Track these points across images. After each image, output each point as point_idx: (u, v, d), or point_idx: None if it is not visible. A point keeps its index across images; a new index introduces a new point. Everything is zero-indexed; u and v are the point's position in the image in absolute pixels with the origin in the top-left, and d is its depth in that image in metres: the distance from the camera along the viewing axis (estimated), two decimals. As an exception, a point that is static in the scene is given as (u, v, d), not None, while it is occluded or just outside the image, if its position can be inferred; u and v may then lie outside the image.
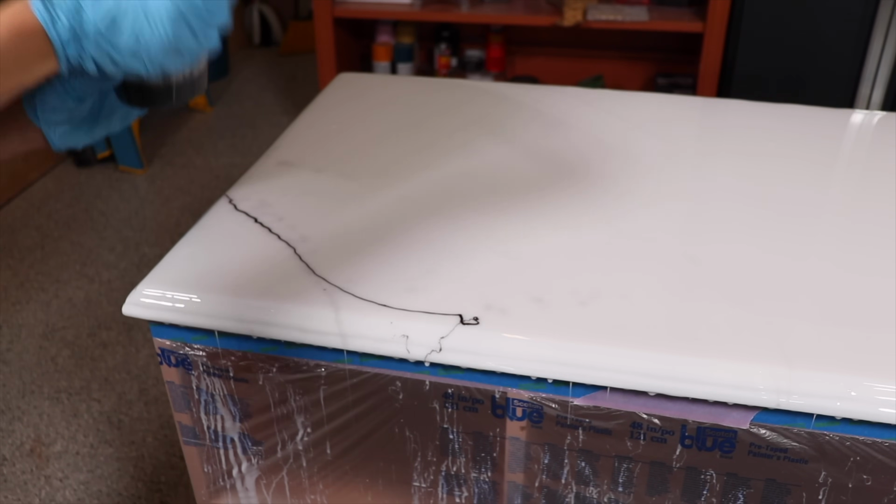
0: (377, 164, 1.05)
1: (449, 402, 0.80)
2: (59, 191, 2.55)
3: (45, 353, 1.85)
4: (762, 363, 0.70)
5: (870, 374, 0.69)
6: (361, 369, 0.80)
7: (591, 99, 1.24)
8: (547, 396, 0.76)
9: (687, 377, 0.71)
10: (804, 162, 1.05)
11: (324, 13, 2.54)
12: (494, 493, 0.86)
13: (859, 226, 0.90)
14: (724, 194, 0.97)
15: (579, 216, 0.93)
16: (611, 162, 1.07)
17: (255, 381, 0.85)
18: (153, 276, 0.83)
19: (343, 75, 1.34)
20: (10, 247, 2.26)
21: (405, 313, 0.77)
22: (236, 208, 0.94)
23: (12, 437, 1.61)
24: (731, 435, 0.73)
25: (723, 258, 0.85)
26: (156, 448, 1.58)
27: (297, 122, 1.17)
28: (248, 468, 0.92)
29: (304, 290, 0.80)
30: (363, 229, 0.90)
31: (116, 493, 1.48)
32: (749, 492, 0.77)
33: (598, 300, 0.78)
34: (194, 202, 2.48)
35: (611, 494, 0.82)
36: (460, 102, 1.24)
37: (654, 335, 0.74)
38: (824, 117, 1.18)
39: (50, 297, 2.04)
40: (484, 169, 1.04)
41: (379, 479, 0.90)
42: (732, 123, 1.16)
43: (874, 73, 2.15)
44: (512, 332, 0.75)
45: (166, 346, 0.85)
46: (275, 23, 3.77)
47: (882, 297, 0.78)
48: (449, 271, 0.82)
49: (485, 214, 0.93)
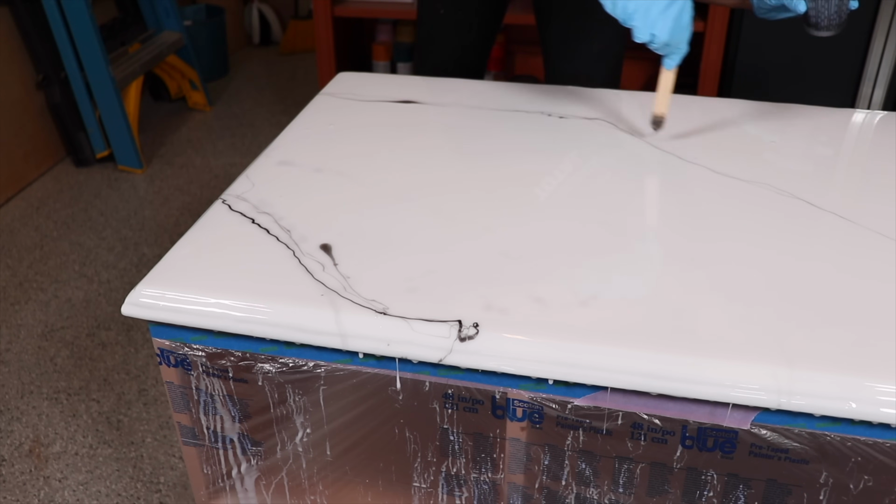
0: (377, 164, 1.04)
1: (449, 403, 0.80)
2: (58, 190, 2.55)
3: (43, 353, 1.84)
4: (763, 363, 0.70)
5: (871, 374, 0.69)
6: (361, 369, 0.80)
7: (591, 98, 1.24)
8: (547, 397, 0.76)
9: (688, 377, 0.71)
10: (804, 162, 1.05)
11: (323, 12, 2.54)
12: (494, 494, 0.86)
13: (860, 226, 0.90)
14: (725, 194, 0.97)
15: (580, 216, 0.93)
16: (611, 161, 1.07)
17: (255, 382, 0.84)
18: (152, 276, 0.83)
19: (343, 74, 1.34)
20: (9, 246, 2.25)
21: (404, 315, 0.76)
22: (235, 208, 0.94)
23: (11, 437, 1.61)
24: (731, 435, 0.73)
25: (723, 258, 0.85)
26: (155, 448, 1.58)
27: (297, 122, 1.17)
28: (248, 469, 0.92)
29: (303, 291, 0.80)
30: (363, 229, 0.89)
31: (115, 494, 1.48)
32: (750, 492, 0.77)
33: (598, 300, 0.78)
34: (193, 202, 2.47)
35: (611, 495, 0.82)
36: (460, 102, 1.24)
37: (655, 335, 0.73)
38: (824, 117, 1.18)
39: (49, 297, 2.04)
40: (484, 168, 1.03)
41: (379, 480, 0.90)
42: (732, 123, 1.16)
43: (875, 73, 2.15)
44: (512, 332, 0.74)
45: (165, 346, 0.84)
46: (274, 22, 3.77)
47: (883, 298, 0.77)
48: (449, 271, 0.82)
49: (485, 214, 0.92)
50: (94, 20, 2.44)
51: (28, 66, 2.52)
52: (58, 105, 2.57)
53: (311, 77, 3.37)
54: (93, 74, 2.49)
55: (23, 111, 2.52)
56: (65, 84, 2.54)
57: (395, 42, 2.87)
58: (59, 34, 2.43)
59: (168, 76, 3.04)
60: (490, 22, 1.55)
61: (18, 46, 2.48)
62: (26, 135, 2.54)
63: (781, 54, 2.22)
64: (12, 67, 2.46)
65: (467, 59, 1.54)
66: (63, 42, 2.44)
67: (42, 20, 2.43)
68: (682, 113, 1.18)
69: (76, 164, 2.68)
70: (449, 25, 1.51)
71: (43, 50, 2.48)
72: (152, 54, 2.78)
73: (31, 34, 2.45)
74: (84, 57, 2.46)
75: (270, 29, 3.78)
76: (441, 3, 1.49)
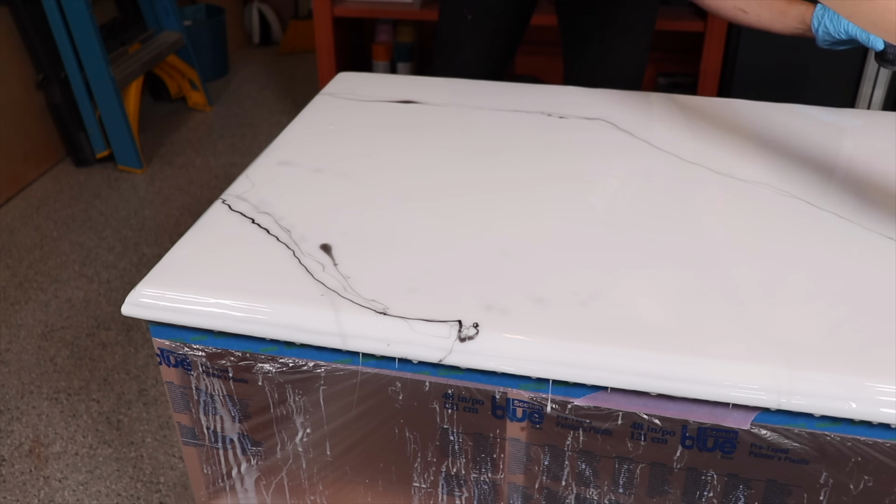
0: (377, 164, 1.04)
1: (449, 403, 0.80)
2: (58, 190, 2.55)
3: (43, 353, 1.84)
4: (763, 363, 0.70)
5: (871, 374, 0.69)
6: (361, 369, 0.80)
7: (591, 98, 1.24)
8: (547, 397, 0.76)
9: (688, 377, 0.71)
10: (804, 162, 1.05)
11: (323, 12, 2.54)
12: (494, 494, 0.86)
13: (860, 226, 0.90)
14: (725, 194, 0.97)
15: (580, 216, 0.93)
16: (612, 161, 1.07)
17: (255, 382, 0.84)
18: (152, 276, 0.83)
19: (342, 74, 1.34)
20: (9, 246, 2.25)
21: (404, 315, 0.76)
22: (235, 208, 0.94)
23: (11, 437, 1.61)
24: (731, 435, 0.73)
25: (723, 258, 0.85)
26: (155, 448, 1.58)
27: (297, 122, 1.17)
28: (248, 469, 0.92)
29: (303, 291, 0.80)
30: (363, 229, 0.89)
31: (115, 494, 1.48)
32: (750, 492, 0.77)
33: (598, 300, 0.78)
34: (193, 202, 2.47)
35: (611, 495, 0.82)
36: (460, 102, 1.24)
37: (655, 335, 0.73)
38: (825, 117, 1.18)
39: (49, 297, 2.04)
40: (484, 168, 1.03)
41: (379, 480, 0.90)
42: (732, 123, 1.16)
43: (875, 73, 2.15)
44: (512, 332, 0.74)
45: (165, 346, 0.84)
46: (274, 22, 3.76)
47: (883, 298, 0.77)
48: (449, 271, 0.82)
49: (485, 214, 0.92)
50: (94, 20, 2.43)
51: (28, 66, 2.52)
52: (58, 105, 2.57)
53: (311, 77, 3.37)
54: (93, 74, 2.49)
55: (23, 111, 2.52)
56: (65, 84, 2.54)
57: (395, 42, 2.87)
58: (59, 34, 2.43)
59: (168, 76, 3.04)
60: (517, 25, 1.54)
61: (18, 46, 2.48)
62: (26, 135, 2.54)
63: (781, 54, 2.22)
64: (12, 67, 2.46)
65: (493, 63, 1.54)
66: (63, 42, 2.44)
67: (42, 20, 2.43)
68: (682, 113, 1.18)
69: (76, 164, 2.68)
70: (476, 30, 1.50)
71: (43, 50, 2.48)
72: (152, 54, 2.78)
73: (31, 34, 2.45)
74: (84, 57, 2.46)
75: (270, 29, 3.78)
76: (468, 8, 1.47)
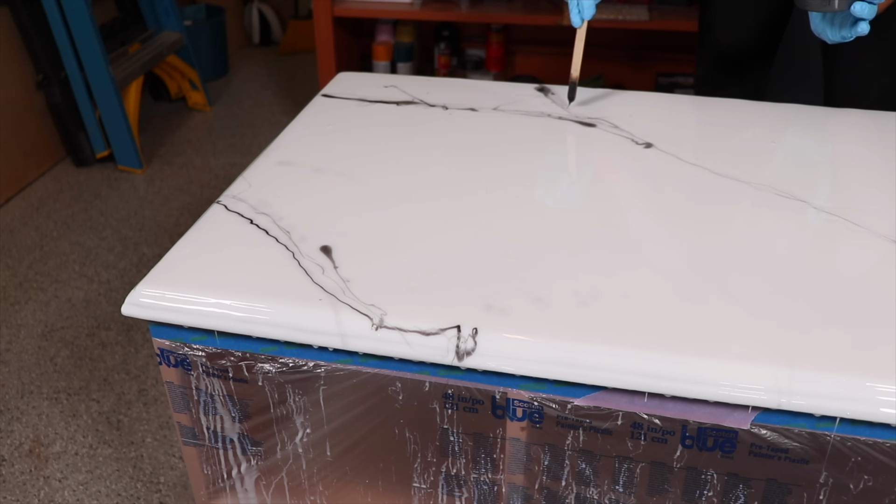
0: (376, 164, 1.04)
1: (449, 403, 0.80)
2: (58, 190, 2.55)
3: (43, 353, 1.84)
4: (763, 363, 0.70)
5: (871, 374, 0.69)
6: (361, 369, 0.80)
7: (591, 99, 1.24)
8: (547, 397, 0.76)
9: (688, 377, 0.71)
10: (804, 163, 1.05)
11: (324, 12, 2.54)
12: (494, 494, 0.86)
13: (860, 226, 0.90)
14: (725, 194, 0.97)
15: (580, 216, 0.93)
16: (612, 162, 1.07)
17: (255, 382, 0.84)
18: (152, 276, 0.83)
19: (342, 74, 1.34)
20: (9, 246, 2.25)
21: (402, 326, 0.76)
22: (235, 209, 0.94)
23: (11, 437, 1.61)
24: (731, 435, 0.73)
25: (723, 258, 0.85)
26: (155, 448, 1.58)
27: (297, 122, 1.17)
28: (248, 469, 0.92)
29: (303, 291, 0.80)
30: (362, 229, 0.89)
31: (115, 494, 1.48)
32: (750, 492, 0.77)
33: (598, 300, 0.78)
34: (193, 202, 2.47)
35: (611, 495, 0.82)
36: (460, 102, 1.24)
37: (655, 335, 0.73)
38: (825, 117, 1.18)
39: (49, 297, 2.04)
40: (484, 169, 1.03)
41: (379, 480, 0.90)
42: (732, 123, 1.16)
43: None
44: (512, 332, 0.74)
45: (165, 346, 0.84)
46: (274, 22, 3.76)
47: (883, 298, 0.77)
48: (449, 271, 0.82)
49: (485, 214, 0.92)
50: (94, 20, 2.43)
51: (28, 65, 2.52)
52: (58, 105, 2.57)
53: (311, 77, 3.37)
54: (93, 74, 2.49)
55: (23, 111, 2.52)
56: (65, 84, 2.54)
57: (395, 42, 2.87)
58: (59, 34, 2.43)
59: (168, 76, 3.04)
60: None
61: (18, 46, 2.48)
62: (26, 135, 2.54)
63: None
64: (12, 67, 2.46)
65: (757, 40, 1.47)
66: (63, 42, 2.44)
67: (42, 20, 2.43)
68: (681, 113, 1.18)
69: (76, 164, 2.68)
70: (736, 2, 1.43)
71: (43, 50, 2.48)
72: (152, 54, 2.78)
73: (31, 34, 2.45)
74: (84, 57, 2.46)
75: (270, 29, 3.78)
76: None
